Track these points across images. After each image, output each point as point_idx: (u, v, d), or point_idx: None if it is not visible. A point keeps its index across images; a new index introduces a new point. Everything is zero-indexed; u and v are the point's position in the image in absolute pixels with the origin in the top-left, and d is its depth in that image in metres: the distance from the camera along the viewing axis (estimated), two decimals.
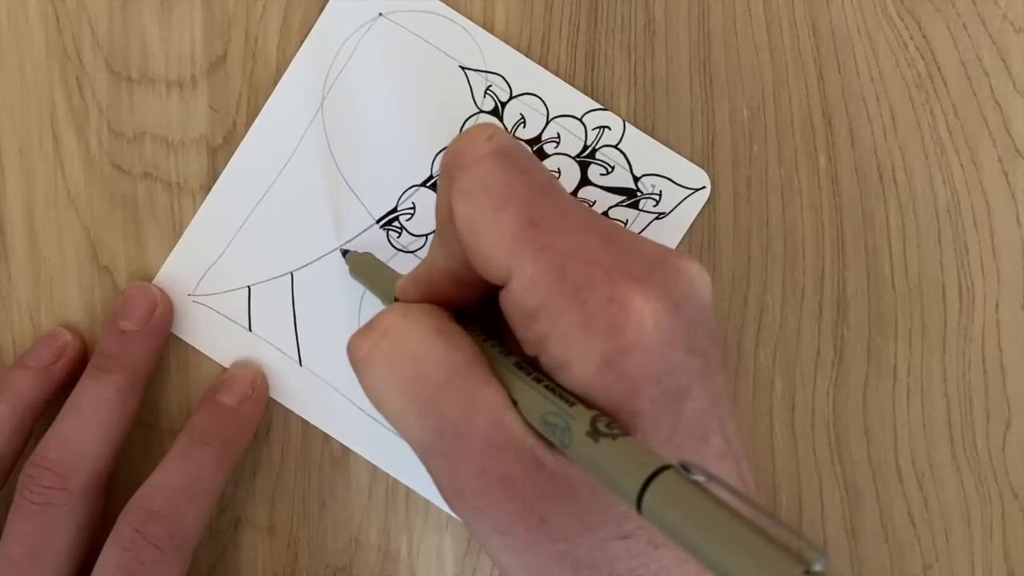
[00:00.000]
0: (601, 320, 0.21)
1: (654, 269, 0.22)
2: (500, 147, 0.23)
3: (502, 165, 0.23)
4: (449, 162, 0.23)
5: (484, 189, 0.22)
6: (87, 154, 0.34)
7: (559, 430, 0.21)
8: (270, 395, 0.34)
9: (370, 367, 0.23)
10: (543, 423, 0.21)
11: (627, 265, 0.22)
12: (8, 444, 0.32)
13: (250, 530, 0.34)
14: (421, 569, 0.34)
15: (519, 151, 0.23)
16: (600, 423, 0.20)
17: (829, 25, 0.33)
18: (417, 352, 0.23)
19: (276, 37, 0.34)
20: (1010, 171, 0.34)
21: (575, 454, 0.20)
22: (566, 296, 0.21)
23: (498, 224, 0.22)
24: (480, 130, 0.24)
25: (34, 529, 0.30)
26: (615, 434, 0.20)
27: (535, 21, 0.34)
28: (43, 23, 0.34)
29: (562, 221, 0.22)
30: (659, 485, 0.18)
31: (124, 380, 0.32)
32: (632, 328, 0.21)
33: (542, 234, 0.22)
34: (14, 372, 0.32)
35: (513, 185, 0.22)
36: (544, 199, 0.22)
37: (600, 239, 0.22)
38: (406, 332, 0.23)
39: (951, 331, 0.34)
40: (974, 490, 0.34)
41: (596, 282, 0.21)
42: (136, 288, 0.33)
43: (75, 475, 0.30)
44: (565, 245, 0.22)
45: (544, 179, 0.23)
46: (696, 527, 0.17)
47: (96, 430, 0.31)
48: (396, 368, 0.23)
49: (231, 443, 0.32)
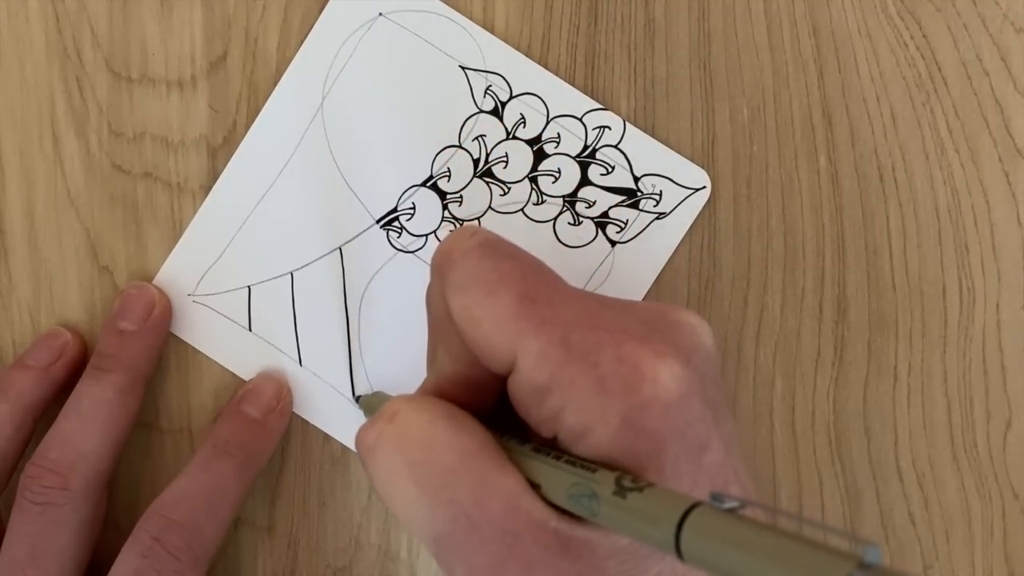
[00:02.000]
0: (615, 381, 0.21)
1: (655, 326, 0.22)
2: (483, 240, 0.23)
3: (488, 254, 0.23)
4: (439, 262, 0.24)
5: (475, 278, 0.23)
6: (87, 154, 0.34)
7: (586, 499, 0.20)
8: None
9: (379, 452, 0.23)
10: (569, 498, 0.21)
11: (629, 325, 0.22)
12: (9, 444, 0.32)
13: (250, 530, 0.34)
14: (421, 569, 0.34)
15: (502, 241, 0.24)
16: (625, 480, 0.20)
17: (829, 25, 0.33)
18: (426, 435, 0.23)
19: (276, 37, 0.34)
20: (1010, 171, 0.34)
21: (606, 519, 0.20)
22: (575, 364, 0.21)
23: (495, 307, 0.22)
24: (462, 230, 0.24)
25: (36, 529, 0.30)
26: (641, 486, 0.19)
27: (535, 21, 0.34)
28: (43, 23, 0.34)
29: (556, 295, 0.22)
30: (695, 521, 0.17)
31: (124, 380, 0.32)
32: (647, 384, 0.21)
33: (539, 309, 0.22)
34: (14, 372, 0.32)
35: (502, 270, 0.23)
36: (534, 277, 0.23)
37: (596, 305, 0.22)
38: (414, 415, 0.23)
39: (951, 331, 0.34)
40: (974, 490, 0.34)
41: (602, 345, 0.21)
42: (134, 288, 0.33)
43: (76, 475, 0.30)
44: (564, 315, 0.22)
45: (531, 260, 0.24)
46: (740, 552, 0.16)
47: (97, 430, 0.31)
48: (405, 452, 0.23)
49: (254, 456, 0.32)
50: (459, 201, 0.34)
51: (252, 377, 0.34)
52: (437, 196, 0.34)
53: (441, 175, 0.34)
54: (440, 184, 0.34)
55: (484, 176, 0.34)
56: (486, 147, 0.34)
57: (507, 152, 0.34)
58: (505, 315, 0.22)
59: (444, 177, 0.34)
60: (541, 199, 0.34)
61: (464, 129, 0.34)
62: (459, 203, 0.34)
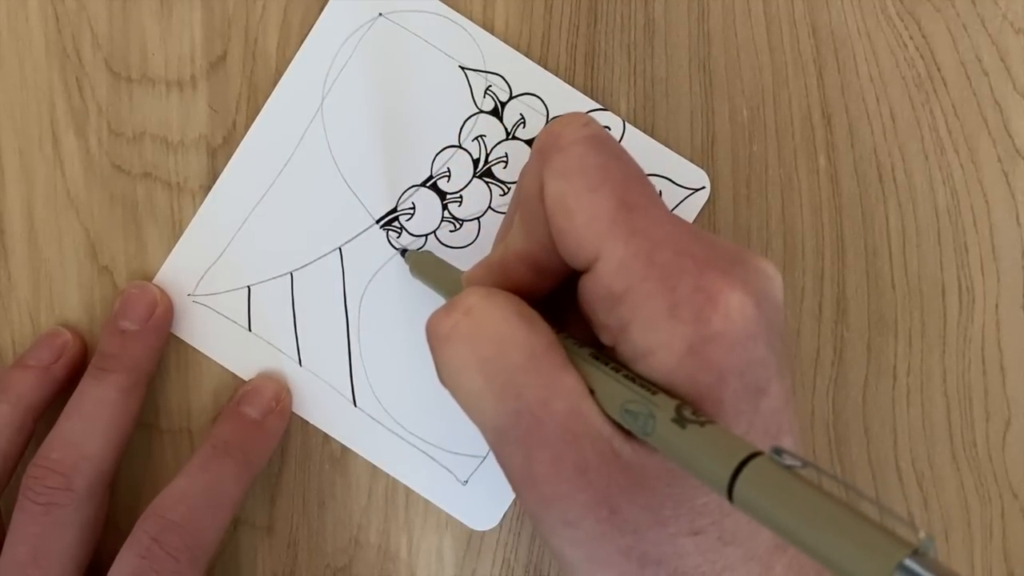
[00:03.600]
0: (688, 308, 0.21)
1: (736, 264, 0.22)
2: (595, 133, 0.23)
3: (597, 149, 0.23)
4: (544, 142, 0.24)
5: (580, 170, 0.22)
6: (87, 154, 0.34)
7: (641, 418, 0.20)
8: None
9: (451, 344, 0.23)
10: (623, 412, 0.21)
11: (713, 258, 0.22)
12: (10, 445, 0.32)
13: (250, 530, 0.34)
14: (421, 569, 0.34)
15: (612, 140, 0.24)
16: (686, 411, 0.20)
17: (829, 25, 0.33)
18: (499, 331, 0.23)
19: (276, 37, 0.34)
20: (1010, 171, 0.34)
21: (659, 442, 0.20)
22: (654, 282, 0.21)
23: (592, 204, 0.22)
24: (575, 116, 0.24)
25: (38, 530, 0.30)
26: (702, 421, 0.19)
27: (535, 21, 0.34)
28: (43, 23, 0.34)
29: (653, 209, 0.22)
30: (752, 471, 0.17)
31: (125, 380, 0.32)
32: (719, 318, 0.21)
33: (635, 218, 0.22)
34: (15, 372, 0.32)
35: (608, 168, 0.23)
36: (637, 186, 0.23)
37: (686, 231, 0.22)
38: (489, 312, 0.23)
39: (951, 331, 0.34)
40: (974, 490, 0.34)
41: (684, 271, 0.21)
42: (135, 288, 0.33)
43: (78, 475, 0.30)
44: (656, 232, 0.22)
45: (636, 167, 0.23)
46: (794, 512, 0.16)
47: (99, 430, 0.31)
48: (477, 346, 0.23)
49: (253, 456, 0.32)
50: (459, 201, 0.34)
51: (251, 378, 0.34)
52: (437, 196, 0.34)
53: (441, 175, 0.34)
54: (440, 184, 0.34)
55: (484, 176, 0.34)
56: (486, 147, 0.34)
57: (507, 152, 0.34)
58: (600, 215, 0.22)
59: (444, 177, 0.34)
60: None
61: (464, 129, 0.34)
62: (459, 203, 0.34)
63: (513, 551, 0.34)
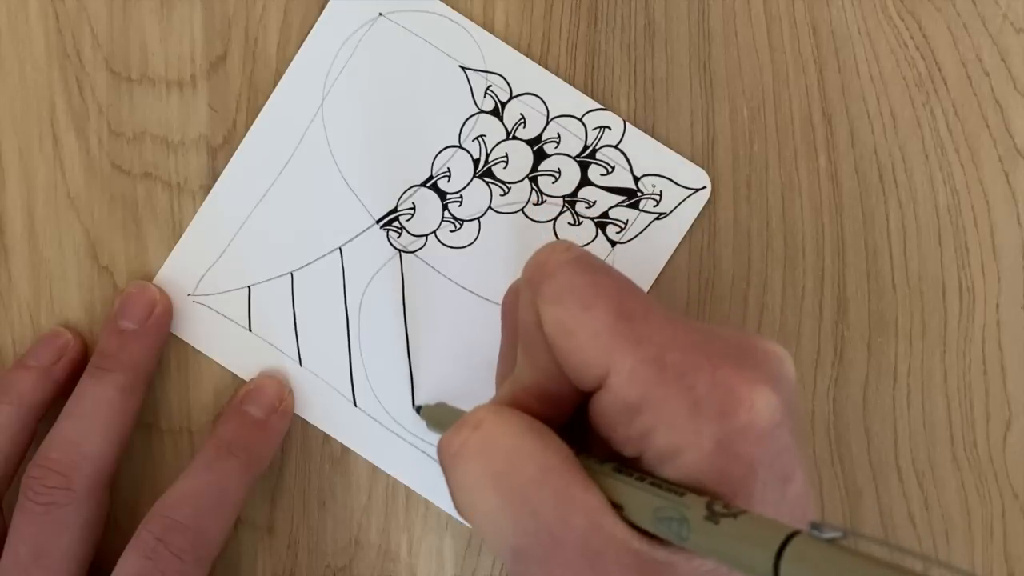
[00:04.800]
0: (710, 404, 0.21)
1: (747, 353, 0.22)
2: (579, 255, 0.24)
3: (584, 269, 0.23)
4: (532, 273, 0.24)
5: (571, 291, 0.23)
6: (87, 154, 0.34)
7: (675, 523, 0.20)
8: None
9: (462, 460, 0.23)
10: (657, 521, 0.21)
11: (723, 350, 0.22)
12: (13, 445, 0.32)
13: (250, 530, 0.34)
14: (421, 569, 0.34)
15: (595, 257, 0.24)
16: (716, 506, 0.20)
17: (829, 25, 0.33)
18: (511, 445, 0.22)
19: (276, 37, 0.34)
20: (1010, 171, 0.34)
21: (696, 544, 0.20)
22: (670, 385, 0.21)
23: (591, 322, 0.22)
24: (557, 244, 0.25)
25: (39, 530, 0.30)
26: (735, 512, 0.19)
27: (535, 21, 0.34)
28: (43, 23, 0.34)
29: (651, 314, 0.22)
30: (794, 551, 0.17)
31: (125, 379, 0.32)
32: (744, 410, 0.21)
33: (636, 327, 0.22)
34: (16, 373, 0.32)
35: (599, 284, 0.23)
36: (630, 295, 0.23)
37: (691, 328, 0.22)
38: (500, 425, 0.23)
39: (951, 331, 0.34)
40: (974, 490, 0.34)
41: (699, 368, 0.21)
42: (135, 287, 0.33)
43: (78, 475, 0.30)
44: (659, 335, 0.22)
45: (624, 279, 0.24)
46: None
47: (98, 430, 0.31)
48: (489, 461, 0.22)
49: (257, 456, 0.32)
50: (459, 201, 0.34)
51: (253, 377, 0.34)
52: (437, 196, 0.34)
53: (441, 175, 0.34)
54: (440, 184, 0.34)
55: (484, 176, 0.34)
56: (486, 147, 0.34)
57: (507, 152, 0.34)
58: (601, 330, 0.22)
59: (444, 177, 0.34)
60: (541, 199, 0.34)
61: (464, 129, 0.34)
62: (459, 203, 0.34)
63: None
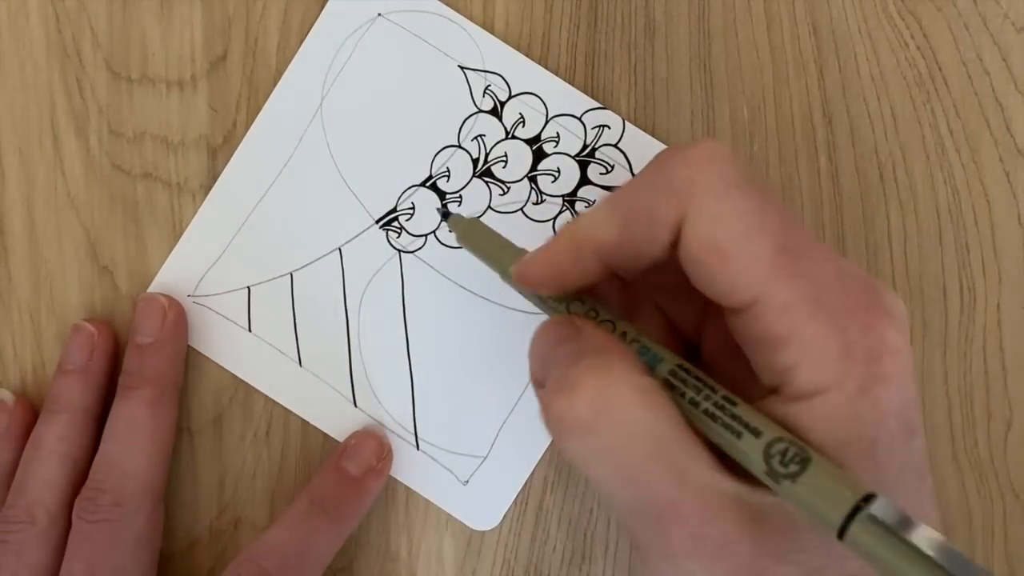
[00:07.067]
0: (860, 348, 0.21)
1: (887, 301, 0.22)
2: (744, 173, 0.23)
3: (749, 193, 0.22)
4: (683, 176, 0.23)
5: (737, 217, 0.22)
6: (87, 154, 0.34)
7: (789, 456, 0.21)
8: (269, 395, 0.34)
9: (573, 434, 0.23)
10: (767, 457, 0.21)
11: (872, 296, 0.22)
12: (79, 450, 0.32)
13: (250, 530, 0.34)
14: (421, 569, 0.34)
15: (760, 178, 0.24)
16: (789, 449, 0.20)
17: (829, 24, 0.33)
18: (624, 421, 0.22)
19: (276, 37, 0.34)
20: (1011, 170, 0.34)
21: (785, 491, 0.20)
22: (823, 324, 0.21)
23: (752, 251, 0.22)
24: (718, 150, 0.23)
25: (92, 547, 0.31)
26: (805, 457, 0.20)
27: (535, 21, 0.33)
28: (43, 23, 0.34)
29: (812, 250, 0.22)
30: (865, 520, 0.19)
31: (152, 393, 0.32)
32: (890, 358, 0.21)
33: (796, 261, 0.22)
34: (59, 382, 0.33)
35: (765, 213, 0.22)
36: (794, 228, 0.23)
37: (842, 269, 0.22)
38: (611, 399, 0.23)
39: (952, 331, 0.34)
40: (975, 490, 0.34)
41: (851, 312, 0.21)
42: (143, 301, 0.33)
43: (126, 491, 0.31)
44: (819, 274, 0.22)
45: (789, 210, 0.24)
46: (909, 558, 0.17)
47: (136, 448, 0.32)
48: (601, 436, 0.22)
49: (348, 515, 0.33)
50: (459, 201, 0.34)
51: (354, 432, 0.34)
52: (436, 196, 0.34)
53: (440, 175, 0.34)
54: (439, 184, 0.34)
55: (483, 176, 0.34)
56: (485, 147, 0.34)
57: (506, 152, 0.34)
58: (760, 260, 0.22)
59: (443, 177, 0.34)
60: (541, 198, 0.34)
61: (463, 129, 0.34)
62: (459, 203, 0.34)
63: (513, 551, 0.34)
